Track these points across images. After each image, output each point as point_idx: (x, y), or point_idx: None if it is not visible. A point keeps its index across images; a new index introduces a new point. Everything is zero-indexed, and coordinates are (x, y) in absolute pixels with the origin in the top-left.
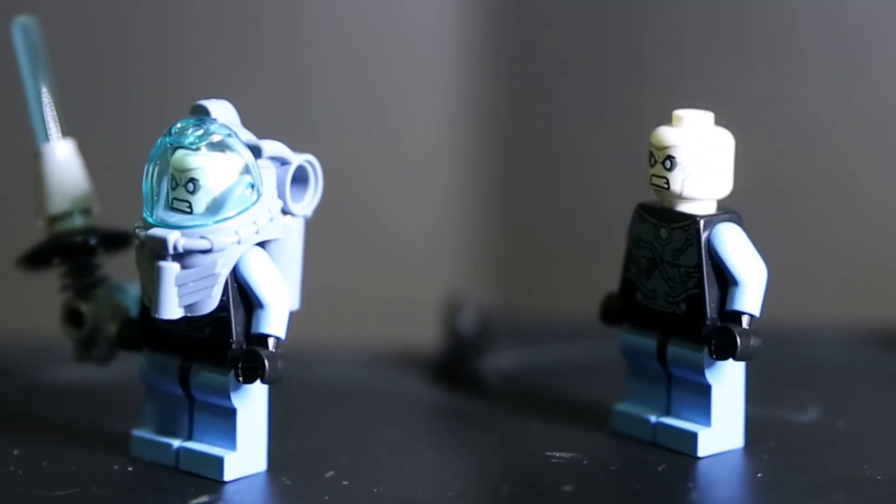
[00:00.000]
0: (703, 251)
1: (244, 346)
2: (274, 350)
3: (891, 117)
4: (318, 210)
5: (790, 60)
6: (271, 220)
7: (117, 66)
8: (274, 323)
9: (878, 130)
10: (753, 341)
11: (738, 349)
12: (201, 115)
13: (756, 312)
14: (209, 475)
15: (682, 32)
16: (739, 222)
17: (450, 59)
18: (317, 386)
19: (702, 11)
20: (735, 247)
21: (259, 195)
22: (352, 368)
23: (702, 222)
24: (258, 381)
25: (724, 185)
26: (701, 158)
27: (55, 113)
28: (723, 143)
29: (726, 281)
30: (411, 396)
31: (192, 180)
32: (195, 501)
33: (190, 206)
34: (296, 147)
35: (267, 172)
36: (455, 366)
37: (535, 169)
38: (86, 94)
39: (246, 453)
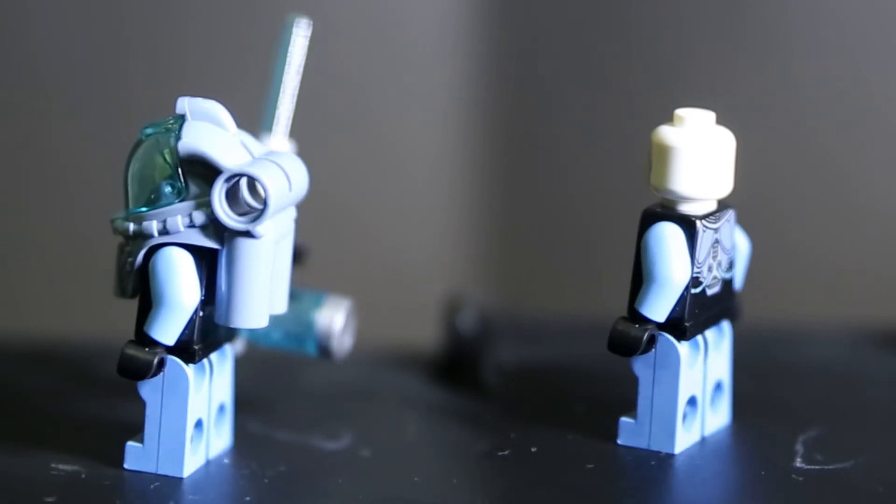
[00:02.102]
0: (636, 245)
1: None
2: (146, 349)
3: (891, 118)
4: (320, 210)
5: (791, 61)
6: (190, 225)
7: (118, 67)
8: (152, 323)
9: (878, 131)
10: (631, 336)
11: (609, 339)
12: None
13: (648, 314)
14: None
15: (684, 33)
16: (688, 225)
17: (450, 59)
18: (316, 385)
19: (703, 12)
20: (653, 247)
21: (178, 196)
22: (352, 368)
23: (642, 217)
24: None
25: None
26: (664, 156)
27: (291, 112)
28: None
29: None
30: (411, 396)
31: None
32: (58, 466)
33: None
34: (297, 147)
35: (197, 179)
36: (455, 366)
37: (535, 169)
38: (89, 93)
39: (151, 449)
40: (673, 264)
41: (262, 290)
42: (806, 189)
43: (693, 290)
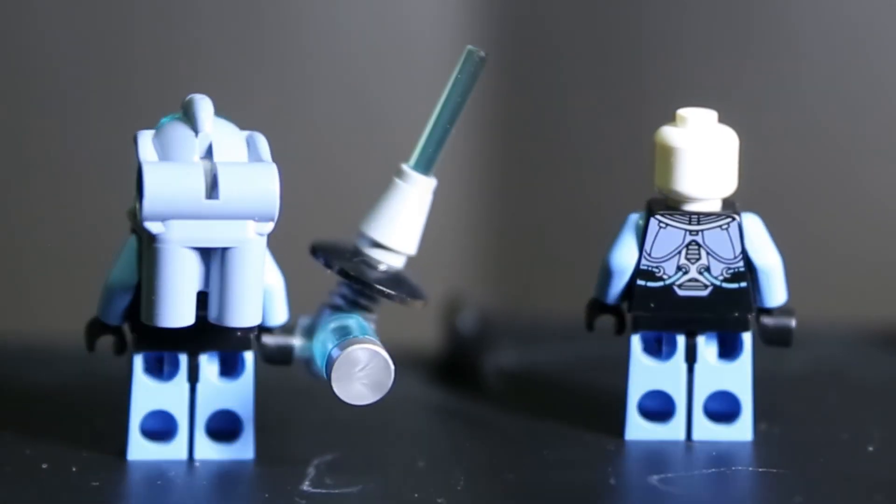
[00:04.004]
0: None
1: None
2: (92, 325)
3: (893, 117)
4: (320, 210)
5: (792, 59)
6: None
7: (118, 63)
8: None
9: (879, 130)
10: (587, 311)
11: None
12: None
13: (595, 293)
14: None
15: (684, 32)
16: (648, 214)
17: (450, 59)
18: (316, 385)
19: (704, 11)
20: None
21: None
22: None
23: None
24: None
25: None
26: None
27: (441, 150)
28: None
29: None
30: (411, 396)
31: None
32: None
33: None
34: (297, 146)
35: None
36: (455, 366)
37: (535, 169)
38: (90, 92)
39: (131, 430)
40: (615, 250)
41: (160, 289)
42: (806, 189)
43: (646, 283)
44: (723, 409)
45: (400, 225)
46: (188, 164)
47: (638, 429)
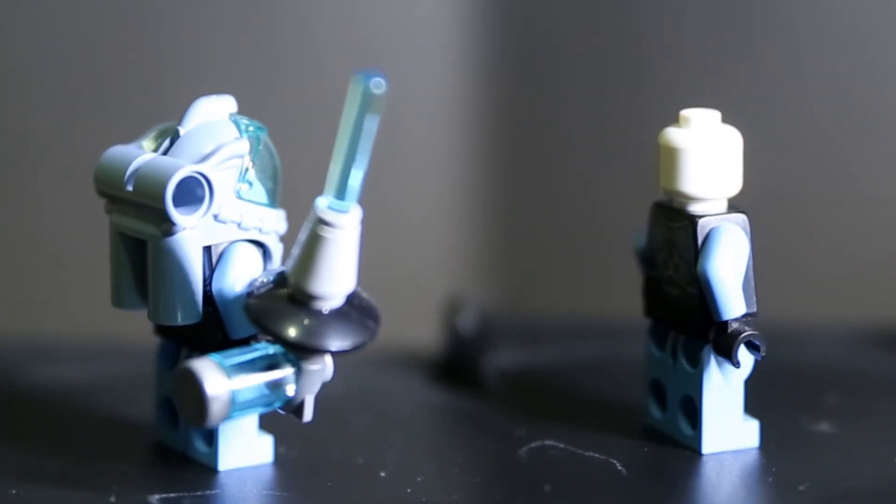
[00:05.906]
0: None
1: None
2: None
3: (893, 117)
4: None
5: (792, 60)
6: None
7: (124, 62)
8: None
9: (879, 131)
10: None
11: None
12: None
13: None
14: None
15: (686, 32)
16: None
17: (450, 58)
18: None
19: (706, 12)
20: None
21: None
22: (351, 369)
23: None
24: None
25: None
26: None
27: (359, 179)
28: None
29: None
30: (411, 396)
31: None
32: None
33: None
34: (297, 146)
35: None
36: (455, 366)
37: (535, 169)
38: (93, 90)
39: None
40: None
41: (111, 268)
42: (806, 188)
43: (650, 270)
44: (685, 408)
45: (338, 272)
46: (136, 152)
47: (649, 416)
